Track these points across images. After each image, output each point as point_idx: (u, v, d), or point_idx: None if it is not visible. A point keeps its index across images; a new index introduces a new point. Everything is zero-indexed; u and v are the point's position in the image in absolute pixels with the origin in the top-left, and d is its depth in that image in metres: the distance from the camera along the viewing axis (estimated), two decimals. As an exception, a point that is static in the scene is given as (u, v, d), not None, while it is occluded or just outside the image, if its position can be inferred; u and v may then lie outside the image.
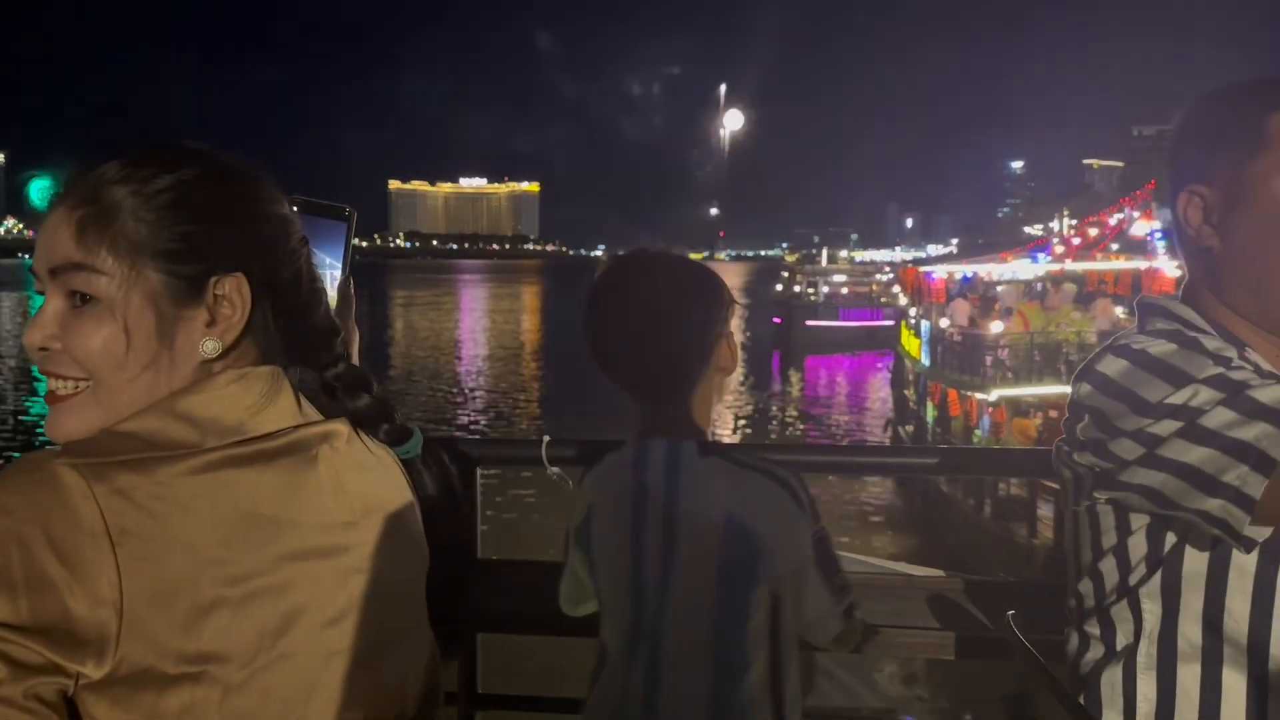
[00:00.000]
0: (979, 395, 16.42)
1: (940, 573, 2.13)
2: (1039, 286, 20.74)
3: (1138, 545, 1.12)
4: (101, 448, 0.83)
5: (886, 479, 22.82)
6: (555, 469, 2.02)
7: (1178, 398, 1.02)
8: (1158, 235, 18.18)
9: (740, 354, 1.59)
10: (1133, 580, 1.12)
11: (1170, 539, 1.09)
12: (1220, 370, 1.03)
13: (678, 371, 1.44)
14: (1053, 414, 15.91)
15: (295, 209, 1.27)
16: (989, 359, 16.38)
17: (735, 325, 1.55)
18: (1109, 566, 1.15)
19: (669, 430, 1.44)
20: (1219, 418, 0.99)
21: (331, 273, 1.30)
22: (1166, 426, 1.02)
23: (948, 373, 17.90)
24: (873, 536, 18.04)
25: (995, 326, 17.18)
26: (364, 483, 0.98)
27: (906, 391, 23.33)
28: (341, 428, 0.99)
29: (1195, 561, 1.07)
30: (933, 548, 16.70)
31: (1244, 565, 1.05)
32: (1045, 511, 13.43)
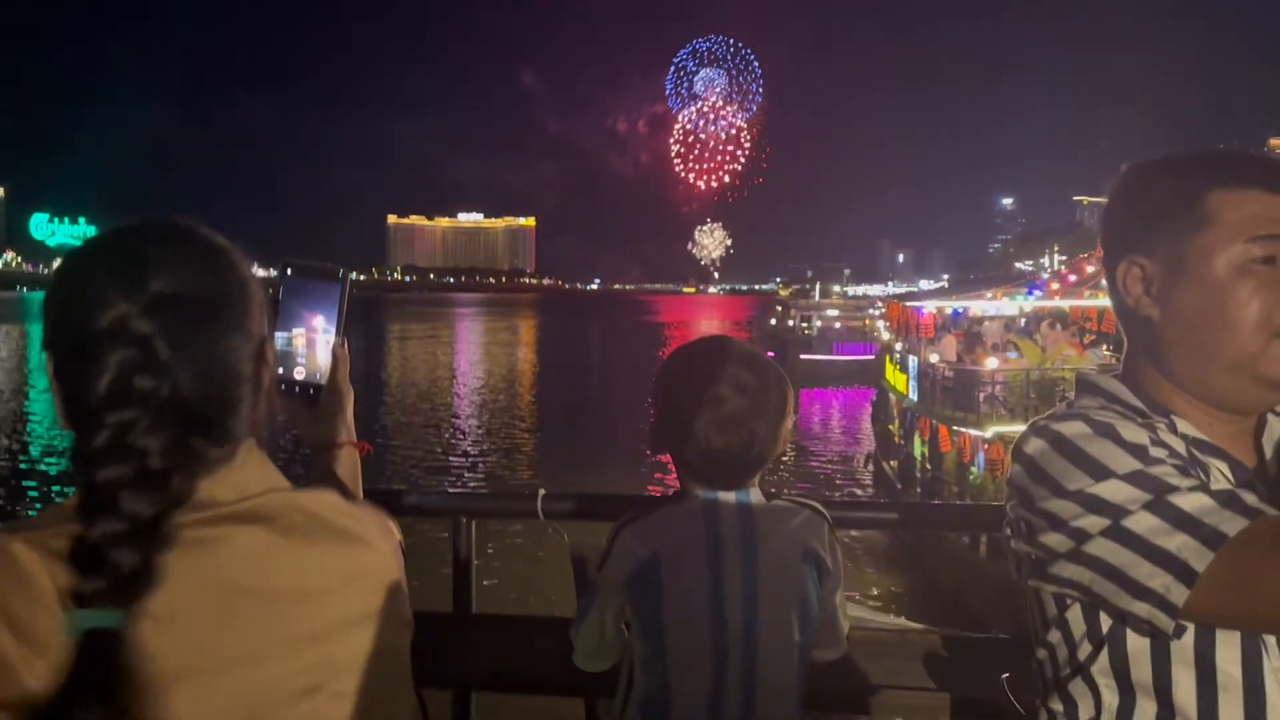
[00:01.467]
0: (973, 432, 16.36)
1: (934, 630, 2.14)
2: (1023, 323, 20.78)
3: (1078, 623, 1.14)
4: (61, 519, 0.83)
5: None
6: (551, 523, 2.03)
7: (1100, 490, 1.05)
8: None
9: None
10: (1081, 656, 1.14)
11: (1107, 620, 1.11)
12: (1139, 466, 1.05)
13: (755, 461, 1.55)
14: None
15: (289, 271, 1.33)
16: (983, 395, 16.38)
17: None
18: (1057, 639, 1.17)
19: (735, 485, 1.57)
20: (1143, 523, 1.02)
21: (325, 336, 1.34)
22: (1092, 523, 1.05)
23: (938, 408, 17.84)
24: (864, 577, 17.64)
25: (991, 363, 17.17)
26: (337, 551, 0.95)
27: (891, 426, 23.16)
28: (313, 493, 0.98)
29: (1137, 640, 1.08)
30: (927, 589, 16.33)
31: (1183, 644, 1.06)
32: None
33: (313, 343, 1.36)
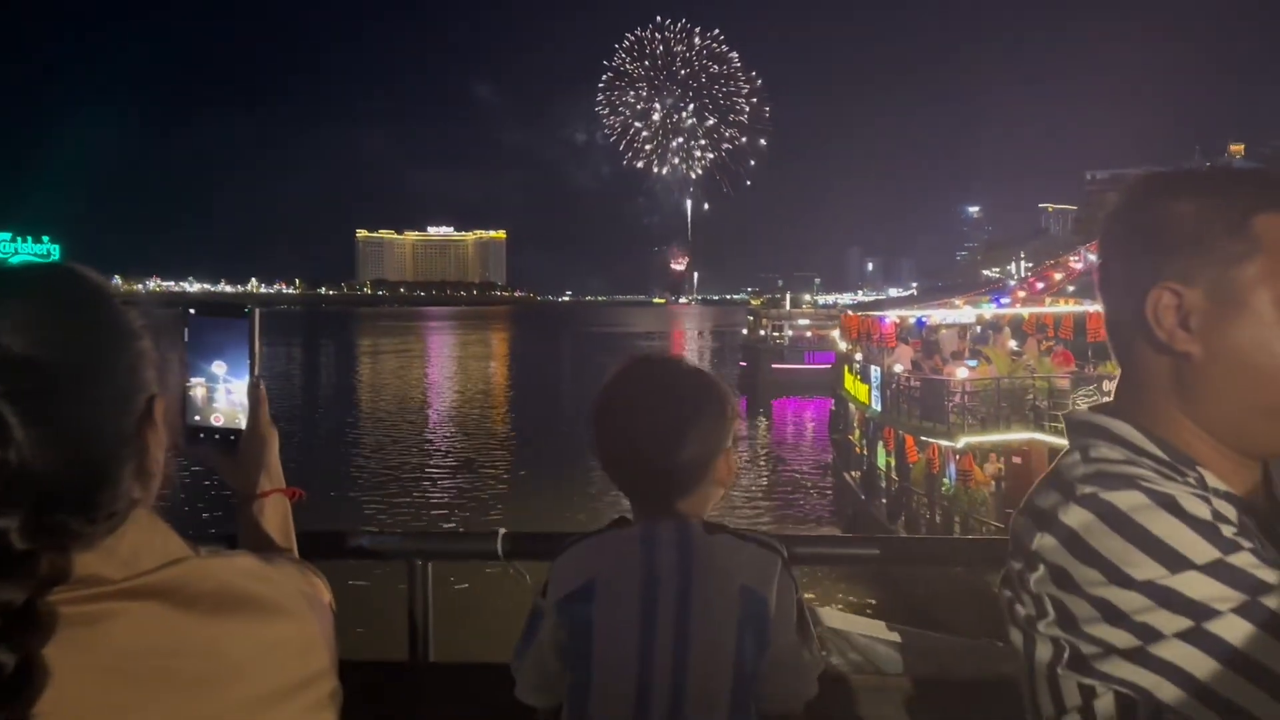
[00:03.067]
0: (944, 442, 16.02)
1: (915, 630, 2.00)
2: (978, 330, 20.84)
3: (1106, 711, 0.98)
4: None
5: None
6: (513, 564, 1.96)
7: (1178, 585, 0.91)
8: None
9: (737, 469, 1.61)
10: None
11: (1145, 712, 0.95)
12: (1218, 555, 0.91)
13: (677, 486, 1.50)
14: (1015, 459, 15.61)
15: (191, 312, 1.27)
16: (952, 405, 16.03)
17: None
18: None
19: (672, 514, 1.51)
20: (1233, 629, 0.88)
21: (238, 377, 1.28)
22: (1167, 622, 0.91)
23: (904, 418, 17.57)
24: (829, 589, 17.18)
25: (961, 372, 16.94)
26: (248, 622, 0.86)
27: (851, 436, 22.91)
28: (220, 559, 0.90)
29: None
30: (898, 601, 15.93)
31: None
32: None
33: (226, 386, 1.30)
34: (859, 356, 22.01)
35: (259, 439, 1.32)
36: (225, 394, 1.30)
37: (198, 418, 1.30)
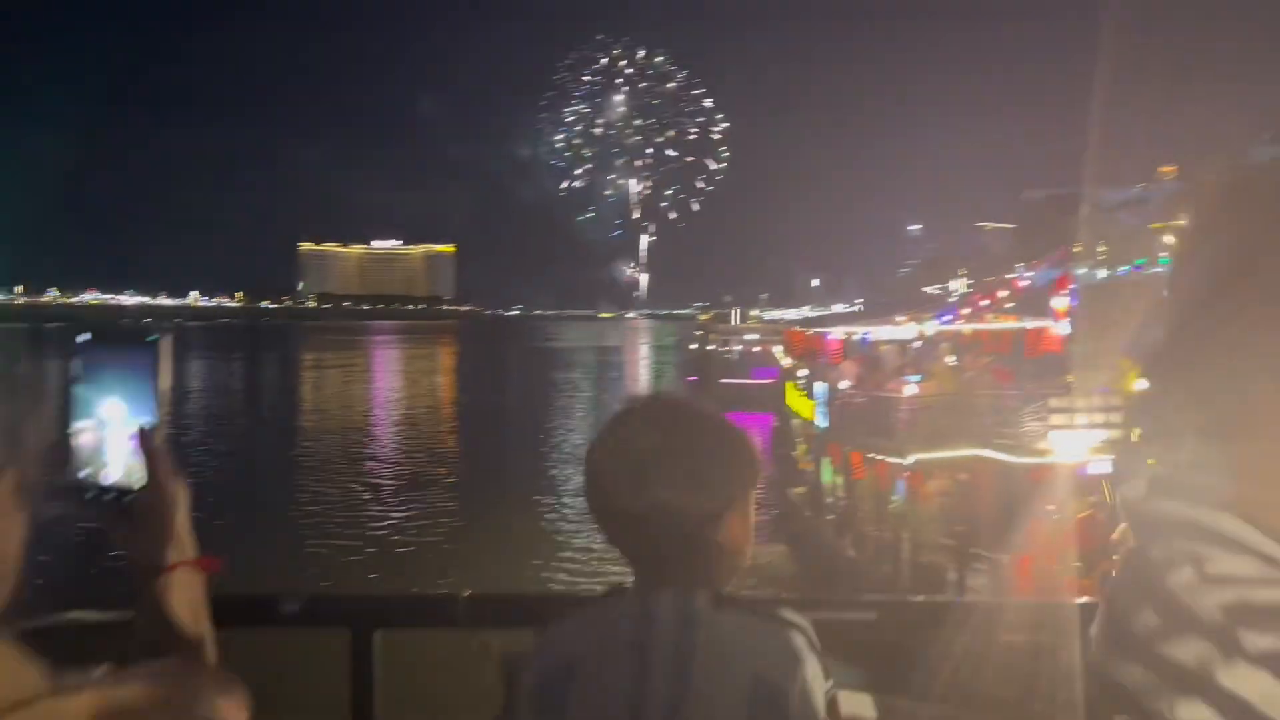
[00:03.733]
0: (893, 459, 15.85)
1: None
2: (919, 345, 20.87)
3: None
4: None
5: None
6: (479, 637, 1.77)
7: None
8: (1064, 296, 18.18)
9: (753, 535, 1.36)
10: None
11: None
12: None
13: (680, 548, 1.26)
14: (961, 476, 15.50)
15: (81, 342, 1.06)
16: (899, 420, 15.88)
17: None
18: None
19: (675, 580, 1.27)
20: None
21: (136, 420, 1.06)
22: None
23: (851, 435, 17.36)
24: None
25: (908, 388, 16.86)
26: None
27: (794, 453, 22.79)
28: (90, 691, 0.70)
29: None
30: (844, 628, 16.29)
31: None
32: (978, 579, 12.90)
33: (123, 431, 1.06)
34: (803, 372, 21.99)
35: (162, 497, 1.04)
36: (121, 442, 1.05)
37: (85, 472, 1.05)
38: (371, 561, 21.34)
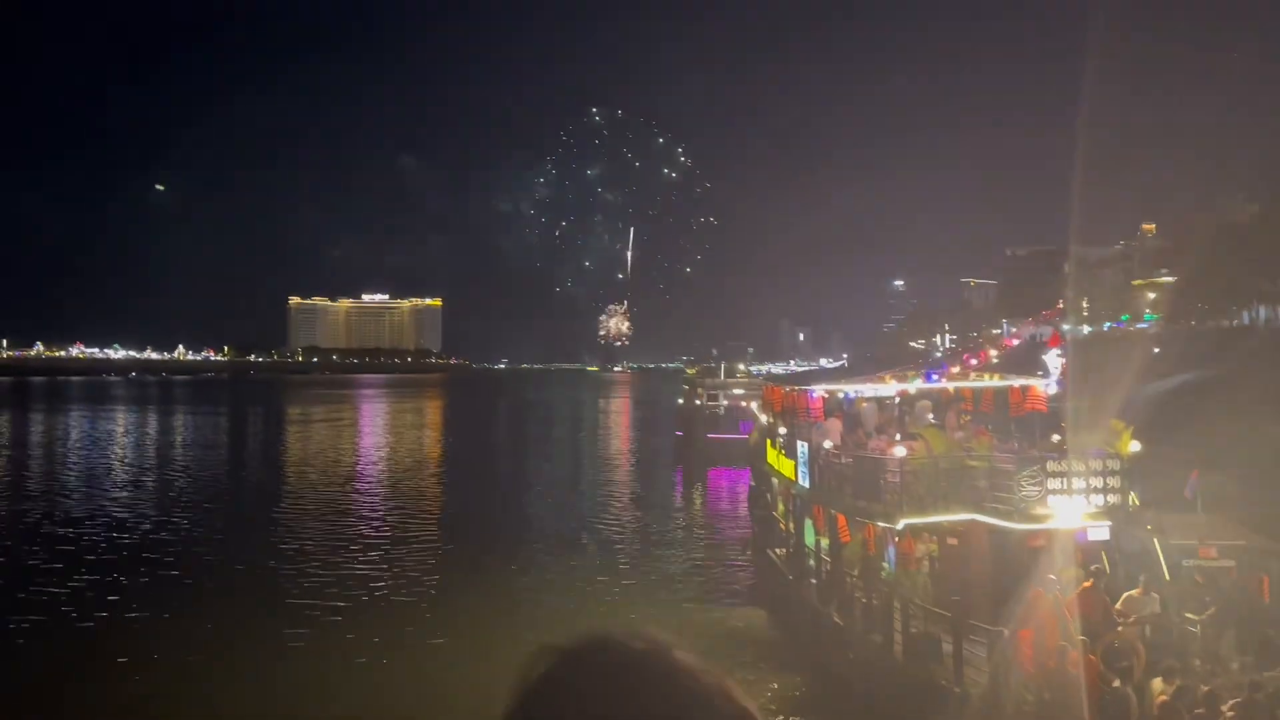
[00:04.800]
0: (882, 523, 15.03)
1: None
2: (896, 401, 20.31)
3: None
4: None
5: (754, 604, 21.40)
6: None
7: None
8: (1057, 354, 17.82)
9: None
10: None
11: None
12: None
13: None
14: (950, 540, 14.91)
15: None
16: (889, 484, 14.96)
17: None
18: None
19: None
20: None
21: None
22: None
23: (837, 496, 16.58)
24: (751, 672, 16.24)
25: (898, 450, 16.08)
26: None
27: (774, 512, 22.05)
28: None
29: None
30: (835, 692, 15.15)
31: None
32: (975, 651, 12.15)
33: None
34: (782, 430, 21.21)
35: None
36: None
37: None
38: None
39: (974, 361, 19.94)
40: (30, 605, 22.35)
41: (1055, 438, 16.65)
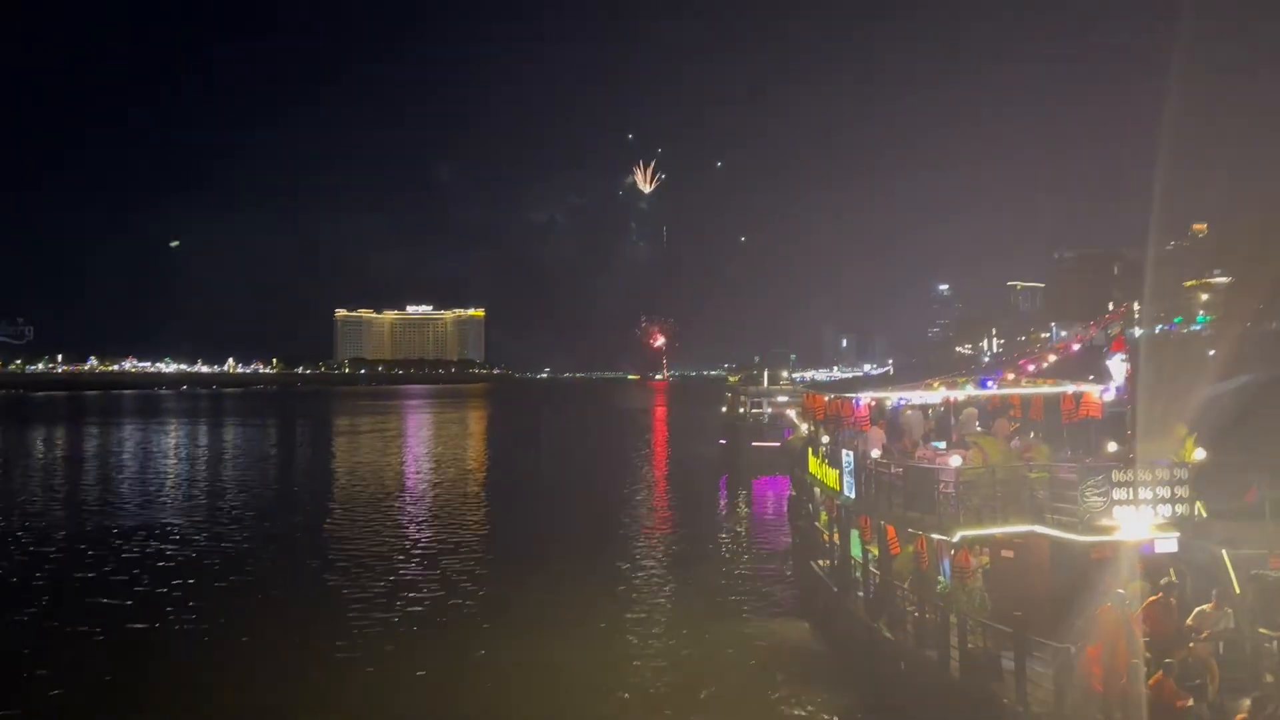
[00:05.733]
0: (936, 535, 14.51)
1: None
2: (943, 410, 19.95)
3: None
4: None
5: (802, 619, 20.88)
6: None
7: None
8: (1122, 359, 17.26)
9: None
10: None
11: None
12: None
13: None
14: (1005, 553, 14.42)
15: None
16: (944, 495, 14.36)
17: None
18: None
19: None
20: None
21: None
22: None
23: (885, 507, 16.15)
24: (785, 691, 16.11)
25: (953, 460, 15.65)
26: None
27: (817, 523, 21.57)
28: None
29: None
30: (886, 708, 14.85)
31: None
32: (1040, 667, 11.74)
33: None
34: (824, 439, 20.79)
35: None
36: None
37: None
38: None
39: (1030, 367, 19.39)
40: (90, 613, 22.78)
41: (1112, 446, 16.12)
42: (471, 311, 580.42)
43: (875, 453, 17.42)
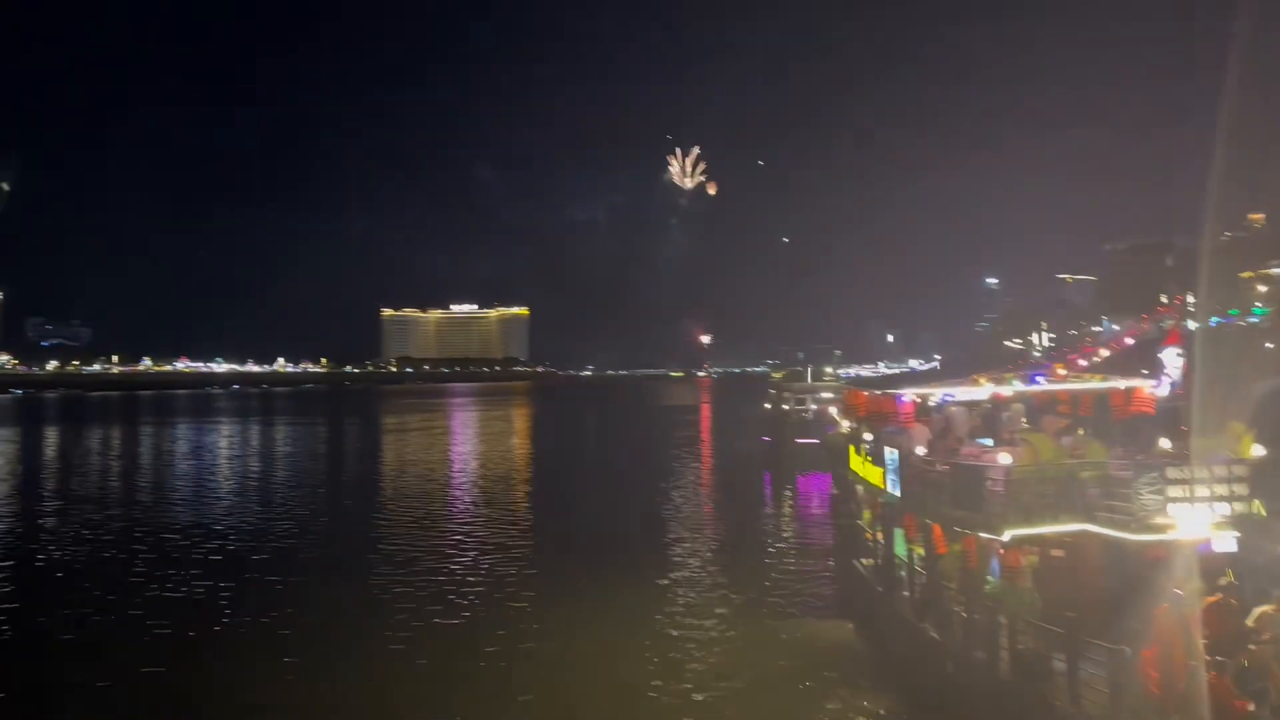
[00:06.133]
0: (985, 534, 14.12)
1: None
2: (988, 407, 19.13)
3: None
4: None
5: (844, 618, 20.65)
6: None
7: None
8: (1177, 353, 16.65)
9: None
10: None
11: None
12: None
13: None
14: (1055, 553, 14.09)
15: None
16: (992, 493, 14.01)
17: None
18: None
19: None
20: None
21: None
22: None
23: (932, 505, 15.84)
24: (833, 692, 16.01)
25: (1002, 457, 15.14)
26: None
27: (859, 522, 21.37)
28: None
29: None
30: (933, 709, 14.68)
31: None
32: (1092, 669, 11.52)
33: None
34: (867, 436, 20.44)
35: None
36: None
37: None
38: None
39: (1082, 361, 18.95)
40: (146, 605, 23.40)
41: (1164, 443, 15.69)
42: (515, 310, 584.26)
43: (920, 450, 17.09)
